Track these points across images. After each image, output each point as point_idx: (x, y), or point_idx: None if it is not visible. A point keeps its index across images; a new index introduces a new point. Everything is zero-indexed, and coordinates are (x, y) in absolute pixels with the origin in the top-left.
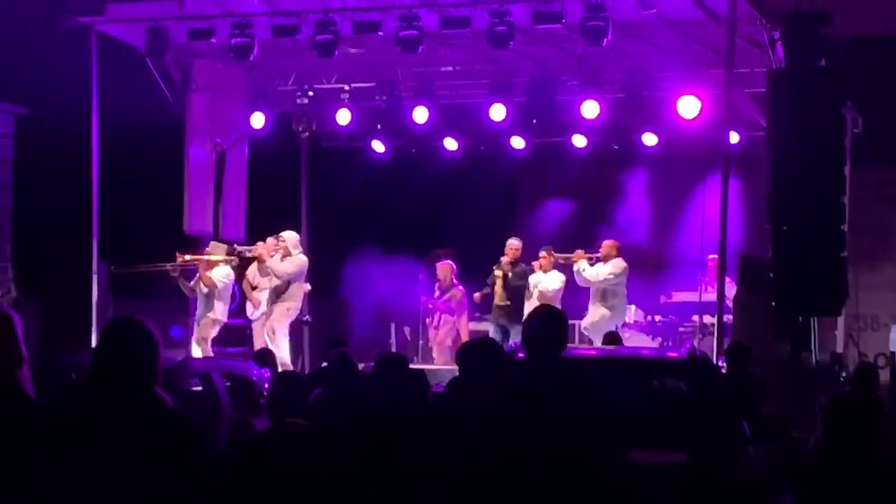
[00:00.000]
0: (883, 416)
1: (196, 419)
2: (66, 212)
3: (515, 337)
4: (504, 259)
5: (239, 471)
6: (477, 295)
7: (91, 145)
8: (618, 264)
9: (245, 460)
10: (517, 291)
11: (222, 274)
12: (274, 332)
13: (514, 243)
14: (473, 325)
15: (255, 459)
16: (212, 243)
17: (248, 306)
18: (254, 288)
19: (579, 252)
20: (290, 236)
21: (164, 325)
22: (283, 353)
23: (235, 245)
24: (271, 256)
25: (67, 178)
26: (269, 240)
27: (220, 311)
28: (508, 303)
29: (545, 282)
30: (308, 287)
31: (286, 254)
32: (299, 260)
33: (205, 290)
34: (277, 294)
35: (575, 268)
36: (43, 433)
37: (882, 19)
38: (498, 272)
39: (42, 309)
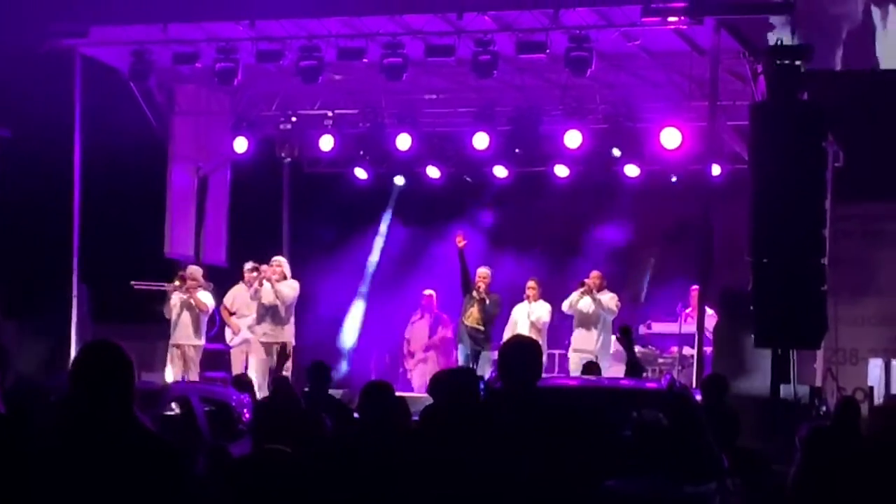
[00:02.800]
0: (863, 450)
1: (174, 442)
2: (47, 234)
3: (486, 362)
4: (481, 287)
5: (218, 497)
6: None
7: (73, 168)
8: (612, 295)
9: (224, 486)
10: (491, 319)
11: (208, 298)
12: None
13: (484, 271)
14: None
15: (235, 485)
16: (190, 267)
17: (228, 332)
18: (231, 314)
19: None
20: (283, 261)
21: (144, 349)
22: None
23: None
24: (277, 281)
25: (49, 201)
26: (247, 265)
27: (203, 336)
28: (483, 327)
29: (537, 312)
30: None
31: (281, 277)
32: (297, 283)
33: (204, 310)
34: (278, 321)
35: (604, 298)
36: (16, 453)
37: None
38: (475, 297)
39: (22, 331)
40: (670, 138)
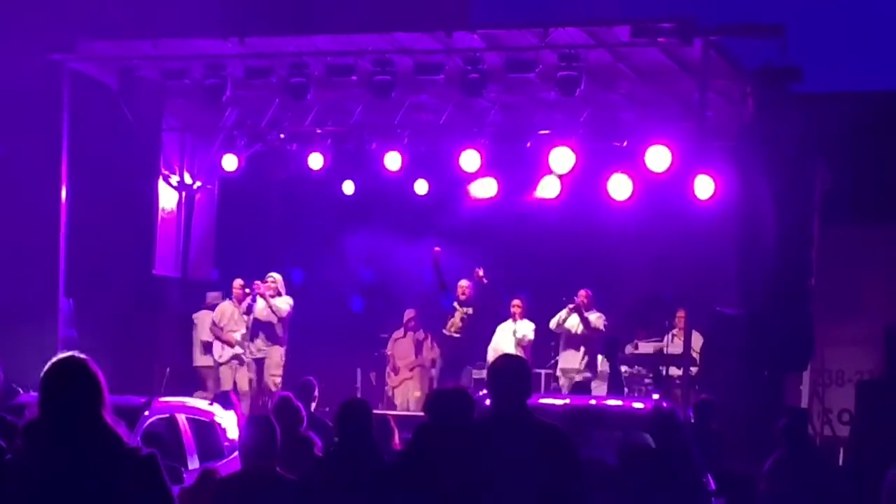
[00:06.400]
0: (825, 469)
1: (146, 450)
2: (33, 249)
3: (468, 377)
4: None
5: None
6: None
7: (60, 183)
8: (599, 314)
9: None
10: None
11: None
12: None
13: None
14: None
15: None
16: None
17: (216, 348)
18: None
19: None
20: (278, 277)
21: (130, 365)
22: None
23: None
24: (271, 296)
25: (36, 216)
26: (237, 282)
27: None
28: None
29: (522, 330)
30: None
31: (276, 293)
32: (291, 299)
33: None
34: (273, 339)
35: (592, 317)
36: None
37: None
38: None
39: (7, 347)
40: (658, 158)
